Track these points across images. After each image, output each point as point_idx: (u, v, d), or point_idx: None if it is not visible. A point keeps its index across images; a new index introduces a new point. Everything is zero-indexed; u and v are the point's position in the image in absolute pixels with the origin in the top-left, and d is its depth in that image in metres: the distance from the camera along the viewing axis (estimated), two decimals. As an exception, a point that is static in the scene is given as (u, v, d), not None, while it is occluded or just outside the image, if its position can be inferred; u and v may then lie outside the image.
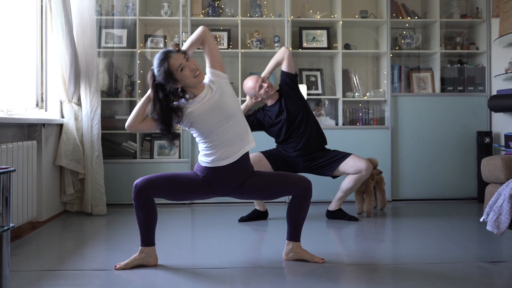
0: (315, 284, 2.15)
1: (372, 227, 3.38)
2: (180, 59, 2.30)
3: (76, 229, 3.37)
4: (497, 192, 2.40)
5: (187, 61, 2.31)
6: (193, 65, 2.32)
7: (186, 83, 2.32)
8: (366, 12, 4.61)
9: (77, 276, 2.26)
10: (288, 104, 3.49)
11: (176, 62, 2.28)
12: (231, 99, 2.40)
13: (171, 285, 2.16)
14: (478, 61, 4.69)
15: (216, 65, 2.43)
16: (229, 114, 2.35)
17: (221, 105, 2.35)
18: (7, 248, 1.85)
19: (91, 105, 3.82)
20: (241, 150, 2.38)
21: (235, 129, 2.37)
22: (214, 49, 2.45)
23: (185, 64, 2.29)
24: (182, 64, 2.29)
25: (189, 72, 2.29)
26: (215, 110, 2.34)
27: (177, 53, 2.32)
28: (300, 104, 3.50)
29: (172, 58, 2.29)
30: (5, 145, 2.74)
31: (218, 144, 2.35)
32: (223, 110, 2.35)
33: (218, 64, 2.44)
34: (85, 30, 3.81)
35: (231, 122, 2.36)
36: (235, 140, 2.36)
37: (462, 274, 2.29)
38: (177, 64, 2.28)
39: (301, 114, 3.48)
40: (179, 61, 2.29)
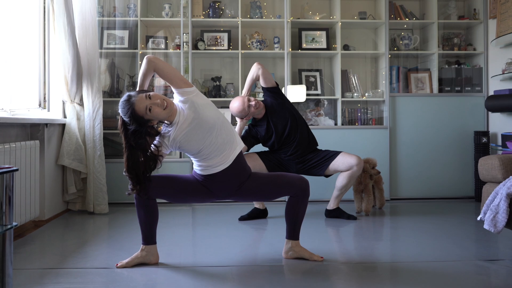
0: (314, 282, 2.15)
1: (370, 226, 3.38)
2: (143, 101, 2.21)
3: (78, 228, 3.37)
4: (494, 191, 2.40)
5: (150, 98, 2.22)
6: (158, 99, 2.23)
7: (160, 118, 2.27)
8: (364, 13, 4.61)
9: (79, 274, 2.26)
10: (274, 119, 3.47)
11: (141, 105, 2.20)
12: (208, 110, 2.33)
13: (172, 283, 2.16)
14: (475, 61, 4.69)
15: (179, 84, 2.32)
16: (210, 126, 2.31)
17: (199, 121, 2.30)
18: (10, 247, 1.85)
19: (93, 105, 3.82)
20: (232, 154, 2.37)
21: (221, 137, 2.34)
22: (168, 71, 2.33)
23: (150, 103, 2.21)
24: (147, 104, 2.20)
25: (158, 109, 2.22)
26: (195, 128, 2.30)
27: (138, 95, 2.22)
28: (286, 115, 3.48)
29: (136, 104, 2.20)
30: (8, 145, 2.74)
31: (208, 155, 2.34)
32: (203, 125, 2.30)
33: (179, 81, 2.32)
34: (87, 31, 3.80)
35: (215, 132, 2.32)
36: (224, 147, 2.35)
37: (460, 272, 2.29)
38: (143, 108, 2.20)
39: (289, 124, 3.47)
40: (144, 103, 2.20)
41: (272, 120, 3.48)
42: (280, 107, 3.49)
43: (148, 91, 2.30)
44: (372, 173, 3.68)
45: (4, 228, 1.82)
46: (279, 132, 3.48)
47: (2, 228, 1.82)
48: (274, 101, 3.50)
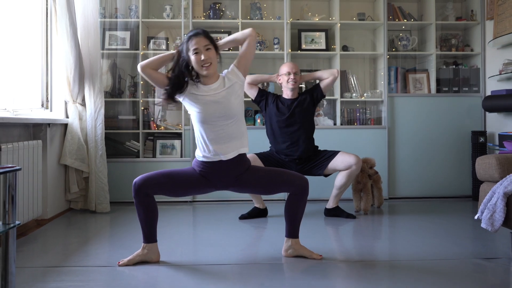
0: (314, 280, 2.15)
1: (369, 225, 3.38)
2: (200, 43, 2.30)
3: (80, 227, 3.37)
4: (491, 190, 2.40)
5: (206, 50, 2.30)
6: (208, 57, 2.31)
7: (194, 67, 2.34)
8: (363, 14, 4.61)
9: (81, 272, 2.26)
10: (297, 111, 3.51)
11: (195, 44, 2.30)
12: (237, 101, 2.40)
13: (173, 281, 2.16)
14: (472, 62, 4.69)
15: (241, 66, 2.46)
16: (230, 113, 2.35)
17: (225, 103, 2.35)
18: (13, 245, 1.85)
19: (95, 106, 3.82)
20: (234, 151, 2.37)
21: (231, 129, 2.36)
22: (249, 53, 2.48)
23: (201, 51, 2.29)
24: (198, 49, 2.29)
25: (199, 59, 2.30)
26: (218, 105, 2.34)
27: (204, 37, 2.31)
28: (305, 118, 3.53)
29: (195, 39, 2.30)
30: (11, 145, 2.74)
31: (212, 139, 2.34)
32: (225, 108, 2.34)
33: (244, 67, 2.47)
34: (89, 32, 3.81)
35: (229, 121, 2.35)
36: (229, 139, 2.36)
37: (457, 270, 2.29)
38: (194, 46, 2.30)
39: (300, 126, 3.51)
40: (198, 45, 2.30)
41: (296, 109, 3.51)
42: (309, 109, 3.56)
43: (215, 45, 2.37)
44: (370, 173, 3.68)
45: (7, 226, 1.82)
46: (290, 121, 3.50)
47: (5, 226, 1.82)
48: (310, 102, 3.57)
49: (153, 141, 4.38)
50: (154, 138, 4.38)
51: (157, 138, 4.37)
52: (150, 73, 2.39)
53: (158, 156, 4.34)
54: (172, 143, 4.37)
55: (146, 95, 4.46)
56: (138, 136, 4.34)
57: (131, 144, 4.35)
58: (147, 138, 4.42)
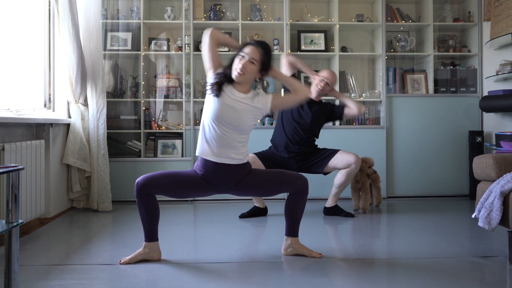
0: (313, 278, 2.15)
1: (367, 223, 3.38)
2: (251, 53, 2.31)
3: (83, 225, 3.37)
4: (489, 190, 2.39)
5: (250, 62, 2.31)
6: (245, 67, 2.30)
7: (232, 66, 2.35)
8: (362, 16, 4.61)
9: (83, 270, 2.26)
10: (314, 113, 3.53)
11: (247, 51, 2.32)
12: (250, 122, 2.38)
13: (174, 279, 2.16)
14: (470, 63, 4.69)
15: (275, 104, 2.43)
16: (240, 127, 2.34)
17: (240, 116, 2.34)
18: (16, 243, 1.85)
19: (97, 106, 3.82)
20: (226, 159, 2.35)
21: (234, 141, 2.34)
22: (289, 103, 2.50)
23: (245, 60, 2.30)
24: (245, 57, 2.31)
25: (237, 65, 2.31)
26: (233, 111, 2.33)
27: (258, 51, 2.32)
28: (315, 124, 3.56)
29: (251, 47, 2.32)
30: (14, 144, 2.74)
31: (212, 139, 2.33)
32: (238, 118, 2.33)
33: (276, 107, 2.45)
34: (91, 33, 3.80)
35: (235, 133, 2.34)
36: (228, 148, 2.34)
37: (455, 268, 2.29)
38: (244, 51, 2.32)
39: (309, 125, 3.53)
40: (248, 53, 2.31)
41: (314, 112, 3.53)
42: (321, 118, 3.59)
43: (265, 66, 2.37)
44: (368, 172, 3.68)
45: (10, 225, 1.82)
46: (300, 124, 3.51)
47: (9, 225, 1.82)
48: (325, 115, 3.59)
49: (154, 140, 4.38)
50: (155, 138, 4.38)
51: (158, 138, 4.37)
52: (211, 43, 2.40)
53: (159, 155, 4.34)
54: (173, 143, 4.37)
55: (148, 95, 4.46)
56: (140, 136, 4.34)
57: (133, 143, 4.34)
58: (148, 138, 4.42)
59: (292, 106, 2.48)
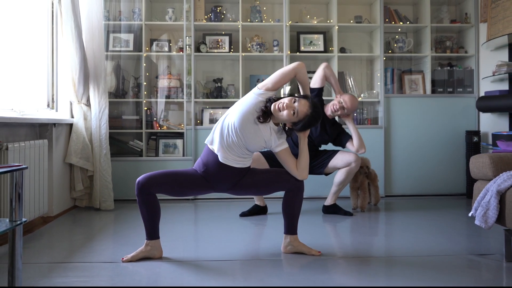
0: (312, 275, 2.15)
1: (366, 222, 3.38)
2: (302, 108, 2.30)
3: (85, 224, 3.36)
4: (485, 188, 2.39)
5: (293, 114, 2.30)
6: (292, 110, 2.29)
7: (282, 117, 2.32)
8: (360, 17, 4.61)
9: (86, 268, 2.26)
10: (329, 130, 3.56)
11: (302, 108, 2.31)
12: (254, 146, 2.37)
13: (176, 276, 2.15)
14: (467, 64, 4.68)
15: (281, 155, 2.42)
16: (249, 146, 2.35)
17: (255, 137, 2.35)
18: (20, 242, 1.85)
19: (99, 106, 3.81)
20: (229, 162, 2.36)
21: (238, 152, 2.36)
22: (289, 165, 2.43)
23: (290, 106, 2.29)
24: (291, 106, 2.30)
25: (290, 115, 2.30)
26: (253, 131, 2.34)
27: (307, 108, 2.32)
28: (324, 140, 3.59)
29: (301, 104, 2.31)
30: (17, 144, 2.74)
31: (224, 138, 2.34)
32: (252, 140, 2.34)
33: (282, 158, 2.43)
34: (93, 34, 3.80)
35: (243, 149, 2.36)
36: (231, 154, 2.35)
37: (452, 266, 2.29)
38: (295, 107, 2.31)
39: (318, 140, 3.57)
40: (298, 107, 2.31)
41: (327, 127, 3.56)
42: (328, 139, 3.60)
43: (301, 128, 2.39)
44: (366, 171, 3.69)
45: (14, 223, 1.82)
46: (312, 140, 3.55)
47: (12, 223, 1.82)
48: (333, 136, 3.61)
49: (155, 140, 4.38)
50: (156, 138, 4.38)
51: (160, 138, 4.37)
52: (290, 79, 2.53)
53: (161, 155, 4.34)
54: (174, 143, 4.37)
55: (149, 95, 4.46)
56: (141, 136, 4.34)
57: (135, 143, 4.34)
58: (150, 138, 4.42)
59: (287, 167, 2.47)
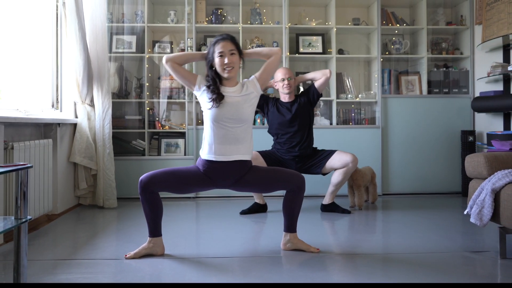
0: (311, 272, 2.15)
1: (363, 220, 3.38)
2: (226, 47, 2.30)
3: (89, 221, 3.36)
4: (480, 187, 2.39)
5: (230, 54, 2.30)
6: (231, 61, 2.31)
7: (217, 69, 2.34)
8: (358, 19, 4.61)
9: (89, 265, 2.26)
10: (298, 111, 3.50)
11: (221, 47, 2.29)
12: (250, 109, 2.39)
13: (177, 273, 2.15)
14: (462, 65, 4.68)
15: (261, 79, 2.46)
16: (240, 118, 2.35)
17: (238, 108, 2.35)
18: (25, 239, 1.85)
19: (102, 106, 3.81)
20: (236, 155, 2.36)
21: (238, 132, 2.35)
22: (271, 69, 2.47)
23: (225, 54, 2.29)
24: (223, 52, 2.30)
25: (222, 62, 2.30)
26: (230, 107, 2.34)
27: (230, 42, 2.31)
28: (305, 120, 3.52)
29: (222, 43, 2.30)
30: (23, 143, 2.74)
31: (220, 138, 2.33)
32: (237, 112, 2.34)
33: (263, 80, 2.47)
34: (97, 36, 3.80)
35: (238, 125, 2.35)
36: (235, 142, 2.35)
37: (448, 263, 2.29)
38: (219, 49, 2.30)
39: (301, 127, 3.50)
40: (224, 48, 2.30)
41: (297, 110, 3.51)
42: (307, 110, 3.54)
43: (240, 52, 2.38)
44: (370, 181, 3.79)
45: (19, 221, 1.82)
46: (291, 121, 3.50)
47: (18, 221, 1.82)
48: (307, 102, 3.54)
49: (158, 140, 4.38)
50: (159, 137, 4.38)
51: (162, 137, 4.37)
52: (174, 67, 2.39)
53: (163, 154, 4.34)
54: (176, 142, 4.37)
55: (152, 96, 4.46)
56: (144, 135, 4.34)
57: (137, 143, 4.34)
58: (152, 137, 4.42)
59: (274, 68, 2.45)
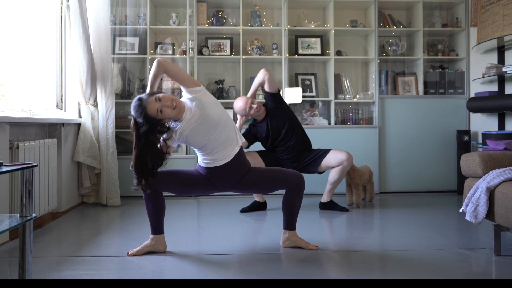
0: (310, 269, 2.14)
1: (361, 217, 3.38)
2: (154, 104, 2.16)
3: (93, 219, 3.36)
4: (475, 185, 2.39)
5: (160, 101, 2.18)
6: (167, 101, 2.18)
7: (171, 118, 2.25)
8: (356, 21, 4.60)
9: (93, 262, 2.26)
10: (273, 122, 3.48)
11: (153, 108, 2.16)
12: (214, 109, 2.30)
13: (179, 269, 2.15)
14: (457, 66, 4.68)
15: (187, 84, 2.28)
16: (215, 123, 2.29)
17: (205, 118, 2.28)
18: (30, 236, 1.85)
19: (106, 106, 3.81)
20: (234, 150, 2.36)
21: (224, 133, 2.33)
22: (177, 72, 2.28)
23: (161, 105, 2.17)
24: (158, 107, 2.16)
25: (168, 109, 2.18)
26: (201, 124, 2.28)
27: (148, 98, 2.18)
28: (284, 119, 3.48)
29: (147, 108, 2.16)
30: (28, 143, 2.74)
31: (212, 150, 2.32)
32: (208, 122, 2.28)
33: (188, 81, 2.28)
34: (100, 38, 3.80)
35: (219, 129, 2.31)
36: (227, 143, 2.34)
37: (443, 259, 2.28)
38: (154, 110, 2.16)
39: (286, 128, 3.47)
40: (155, 106, 2.16)
41: (271, 123, 3.47)
42: (279, 111, 3.49)
43: (158, 93, 2.26)
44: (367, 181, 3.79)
45: (24, 219, 1.82)
46: (275, 135, 3.48)
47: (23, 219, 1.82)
48: (274, 105, 3.50)
49: (160, 139, 4.37)
50: (161, 137, 4.37)
51: (164, 137, 4.36)
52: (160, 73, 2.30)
53: (165, 153, 4.33)
54: (178, 142, 4.36)
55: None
56: (146, 135, 4.33)
57: (140, 142, 4.33)
58: (154, 137, 4.41)
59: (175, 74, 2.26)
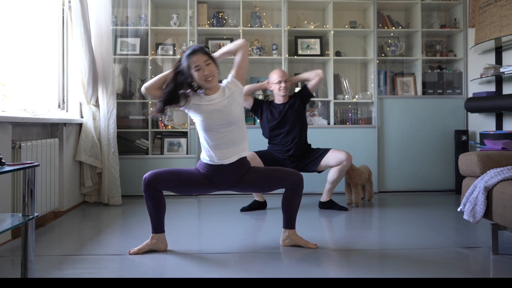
0: (309, 267, 2.15)
1: (360, 216, 3.38)
2: (200, 60, 2.27)
3: (94, 218, 3.36)
4: (473, 185, 2.39)
5: (207, 65, 2.28)
6: (209, 71, 2.28)
7: (198, 82, 2.32)
8: (355, 22, 4.60)
9: (94, 260, 2.26)
10: (289, 113, 3.50)
11: (196, 61, 2.27)
12: (238, 109, 2.37)
13: (180, 268, 2.15)
14: (456, 66, 4.68)
15: (239, 76, 2.43)
16: (232, 120, 2.33)
17: (227, 111, 2.33)
18: (32, 235, 1.85)
19: (107, 106, 3.81)
20: (236, 155, 2.36)
21: (233, 134, 2.34)
22: (244, 61, 2.44)
23: (202, 67, 2.27)
24: (200, 65, 2.27)
25: (202, 75, 2.27)
26: (219, 113, 2.32)
27: (202, 53, 2.28)
28: (297, 119, 3.51)
29: (195, 57, 2.27)
30: (30, 142, 2.74)
31: (216, 145, 2.33)
32: (227, 116, 2.32)
33: (241, 76, 2.44)
34: (102, 39, 3.80)
35: (231, 127, 2.34)
36: (232, 144, 2.34)
37: (441, 258, 2.28)
38: (195, 63, 2.27)
39: (293, 127, 3.49)
40: (199, 61, 2.27)
41: (287, 112, 3.50)
42: (301, 109, 3.55)
43: (213, 59, 2.34)
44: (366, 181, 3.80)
45: (26, 218, 1.82)
46: (283, 123, 3.49)
47: (25, 218, 1.82)
48: (300, 103, 3.55)
49: (161, 139, 4.38)
50: (162, 137, 4.38)
51: (165, 137, 4.37)
52: (154, 94, 2.35)
53: (166, 153, 4.33)
54: (178, 141, 4.37)
55: (155, 97, 4.45)
56: (147, 135, 4.34)
57: (141, 142, 4.34)
58: (155, 137, 4.42)
59: (246, 61, 2.43)
